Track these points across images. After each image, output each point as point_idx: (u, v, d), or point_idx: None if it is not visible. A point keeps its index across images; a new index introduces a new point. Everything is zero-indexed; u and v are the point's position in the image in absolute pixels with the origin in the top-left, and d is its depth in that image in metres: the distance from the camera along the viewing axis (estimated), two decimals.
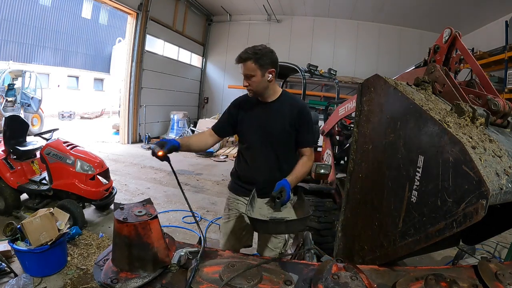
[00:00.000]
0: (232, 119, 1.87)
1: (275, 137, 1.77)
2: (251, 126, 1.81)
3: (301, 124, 1.77)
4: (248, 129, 1.83)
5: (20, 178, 3.60)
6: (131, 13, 8.46)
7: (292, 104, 1.78)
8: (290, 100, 1.81)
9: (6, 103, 9.32)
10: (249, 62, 1.64)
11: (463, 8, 7.96)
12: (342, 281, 0.84)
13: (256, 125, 1.80)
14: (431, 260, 3.11)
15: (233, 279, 0.91)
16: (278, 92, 1.81)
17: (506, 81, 6.46)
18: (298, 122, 1.76)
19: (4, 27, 13.36)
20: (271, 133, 1.77)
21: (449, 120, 0.97)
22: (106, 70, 19.52)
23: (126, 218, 0.95)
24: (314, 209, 2.74)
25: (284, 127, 1.76)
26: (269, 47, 1.72)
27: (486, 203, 0.78)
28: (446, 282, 0.86)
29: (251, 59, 1.64)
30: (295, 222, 1.15)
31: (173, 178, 6.42)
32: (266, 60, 1.66)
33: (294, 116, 1.76)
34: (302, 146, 1.81)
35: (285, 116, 1.76)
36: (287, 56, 10.58)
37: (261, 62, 1.65)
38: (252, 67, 1.64)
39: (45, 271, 2.52)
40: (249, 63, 1.64)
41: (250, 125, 1.82)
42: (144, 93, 9.17)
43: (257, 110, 1.80)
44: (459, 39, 1.44)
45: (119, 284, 0.92)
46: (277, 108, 1.77)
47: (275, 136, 1.77)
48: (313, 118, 4.29)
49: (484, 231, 1.35)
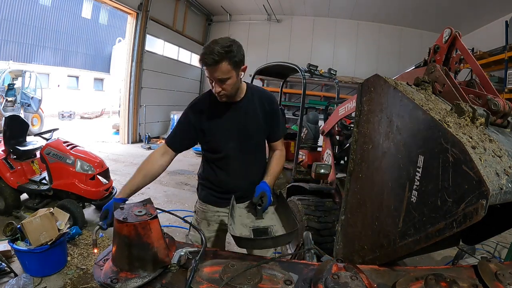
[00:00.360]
0: (193, 130, 1.58)
1: (254, 139, 1.63)
2: (225, 133, 1.57)
3: (273, 117, 1.64)
4: (222, 138, 1.58)
5: (20, 178, 3.60)
6: (131, 13, 8.46)
7: (261, 98, 1.62)
8: (258, 93, 1.64)
9: (6, 103, 9.33)
10: (223, 63, 1.37)
11: (463, 8, 7.96)
12: (342, 281, 0.84)
13: (231, 132, 1.57)
14: (431, 260, 3.12)
15: (233, 279, 0.90)
16: (244, 87, 1.60)
17: (506, 81, 6.46)
18: (270, 115, 1.63)
19: (4, 27, 13.36)
20: (249, 136, 1.61)
21: (449, 120, 0.97)
22: (106, 70, 19.52)
23: (126, 218, 0.95)
24: (314, 209, 2.74)
25: (259, 125, 1.61)
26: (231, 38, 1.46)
27: (486, 203, 0.78)
28: (446, 282, 0.86)
29: (225, 60, 1.36)
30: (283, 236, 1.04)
31: (173, 178, 6.40)
32: (240, 57, 1.42)
33: (266, 110, 1.61)
34: (275, 140, 1.69)
35: (258, 113, 1.60)
36: (287, 56, 10.60)
37: (235, 60, 1.40)
38: (227, 68, 1.38)
39: (45, 271, 2.53)
40: (224, 64, 1.37)
41: (222, 132, 1.57)
42: (144, 93, 9.17)
43: (227, 114, 1.56)
44: (459, 39, 1.44)
45: (119, 284, 0.92)
46: (249, 106, 1.58)
47: (254, 138, 1.63)
48: (313, 118, 4.33)
49: (484, 231, 1.35)
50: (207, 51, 1.36)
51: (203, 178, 1.74)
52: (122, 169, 6.19)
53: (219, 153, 1.61)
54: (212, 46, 1.37)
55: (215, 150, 1.62)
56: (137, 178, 1.50)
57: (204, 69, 1.42)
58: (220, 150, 1.60)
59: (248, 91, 1.60)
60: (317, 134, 4.23)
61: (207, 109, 1.57)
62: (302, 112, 4.05)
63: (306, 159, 4.08)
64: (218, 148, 1.60)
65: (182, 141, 1.61)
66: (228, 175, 1.64)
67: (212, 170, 1.66)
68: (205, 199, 1.73)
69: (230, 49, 1.37)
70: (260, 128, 1.62)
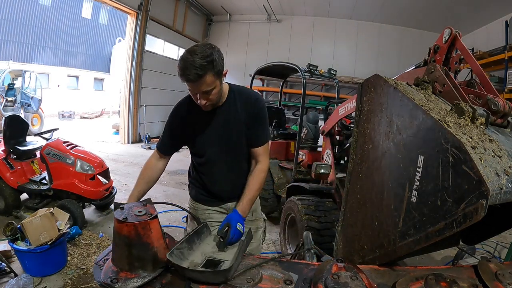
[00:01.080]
0: (177, 135, 1.59)
1: (235, 144, 1.55)
2: (207, 138, 1.53)
3: (256, 119, 1.53)
4: (204, 143, 1.54)
5: (20, 178, 3.60)
6: (131, 13, 8.46)
7: (244, 100, 1.53)
8: (241, 95, 1.54)
9: (6, 103, 9.33)
10: (207, 76, 1.27)
11: (463, 8, 7.95)
12: (342, 281, 0.84)
13: (212, 137, 1.52)
14: (431, 260, 3.11)
15: (233, 279, 0.90)
16: (226, 90, 1.52)
17: (506, 81, 6.46)
18: (253, 118, 1.52)
19: (4, 27, 13.36)
20: (230, 141, 1.54)
21: (449, 120, 0.97)
22: (106, 70, 19.53)
23: (126, 218, 0.95)
24: (314, 209, 2.74)
25: (240, 129, 1.53)
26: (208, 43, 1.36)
27: (486, 203, 0.78)
28: (446, 282, 0.86)
29: (208, 72, 1.26)
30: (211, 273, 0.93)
31: (173, 178, 6.40)
32: (221, 63, 1.32)
33: (249, 112, 1.52)
34: (256, 145, 1.55)
35: (239, 117, 1.51)
36: (287, 56, 10.59)
37: (218, 69, 1.31)
38: (211, 80, 1.29)
39: (45, 271, 2.53)
40: (208, 76, 1.27)
41: (204, 138, 1.53)
42: (144, 93, 9.17)
43: (207, 120, 1.51)
44: (459, 39, 1.44)
45: (119, 283, 0.92)
46: (230, 110, 1.51)
47: (235, 143, 1.55)
48: (313, 118, 4.33)
49: (484, 231, 1.35)
50: (187, 64, 1.24)
51: (193, 178, 1.73)
52: (122, 169, 6.19)
53: (202, 158, 1.59)
54: (192, 58, 1.24)
55: (198, 155, 1.61)
56: (141, 185, 1.61)
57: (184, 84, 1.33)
58: (202, 154, 1.58)
59: (231, 94, 1.52)
60: (317, 134, 4.22)
61: (187, 115, 1.53)
62: (302, 112, 4.05)
63: (306, 159, 4.08)
64: (200, 152, 1.58)
65: (171, 146, 1.63)
66: (211, 179, 1.61)
67: (198, 173, 1.65)
68: (195, 198, 1.72)
69: (212, 59, 1.26)
70: (241, 132, 1.53)
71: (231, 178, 1.62)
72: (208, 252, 1.09)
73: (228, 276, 0.90)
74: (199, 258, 1.04)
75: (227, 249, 1.13)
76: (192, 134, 1.55)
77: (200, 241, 1.15)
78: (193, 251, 1.07)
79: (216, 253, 1.10)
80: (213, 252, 1.10)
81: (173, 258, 0.94)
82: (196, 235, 1.14)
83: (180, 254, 0.99)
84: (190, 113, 1.52)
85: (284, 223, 3.17)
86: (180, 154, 1.72)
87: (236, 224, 1.31)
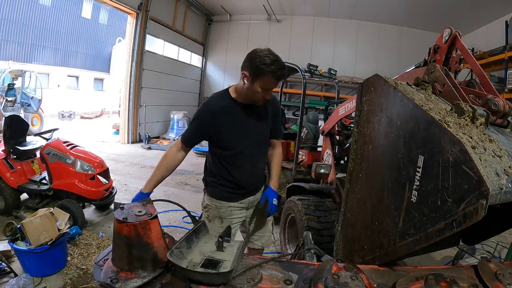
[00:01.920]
0: (208, 130, 1.69)
1: (264, 137, 1.81)
2: (242, 133, 1.70)
3: (277, 117, 1.83)
4: (238, 137, 1.70)
5: (20, 178, 3.60)
6: (131, 13, 8.46)
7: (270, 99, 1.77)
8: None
9: (6, 103, 9.33)
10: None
11: (463, 8, 7.96)
12: (342, 280, 0.84)
13: (246, 131, 1.71)
14: (431, 260, 3.11)
15: (233, 279, 0.90)
16: None
17: (506, 81, 6.46)
18: (274, 115, 1.82)
19: (4, 27, 13.35)
20: (260, 135, 1.77)
21: (449, 120, 0.97)
22: (106, 70, 19.52)
23: (126, 218, 0.95)
24: (314, 209, 2.74)
25: (268, 125, 1.80)
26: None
27: (486, 203, 0.78)
28: (446, 282, 0.86)
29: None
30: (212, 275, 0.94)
31: (172, 178, 6.40)
32: None
33: (272, 110, 1.80)
34: (276, 137, 1.89)
35: (267, 114, 1.78)
36: (287, 56, 10.57)
37: None
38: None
39: (45, 271, 2.52)
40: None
41: (240, 132, 1.70)
42: (144, 93, 9.17)
43: (244, 115, 1.70)
44: (459, 39, 1.44)
45: (118, 284, 0.92)
46: (260, 108, 1.73)
47: (264, 136, 1.81)
48: (313, 118, 4.33)
49: (484, 231, 1.35)
50: (280, 65, 1.51)
51: (214, 175, 1.81)
52: (122, 169, 6.19)
53: (231, 150, 1.71)
54: (278, 60, 1.51)
55: (228, 148, 1.71)
56: (160, 171, 1.69)
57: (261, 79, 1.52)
58: (233, 147, 1.70)
59: None
60: (317, 134, 4.22)
61: (222, 110, 1.65)
62: (302, 112, 4.05)
63: (306, 159, 4.08)
64: (232, 146, 1.70)
65: (196, 139, 1.76)
66: (243, 171, 1.76)
67: (224, 166, 1.75)
68: (219, 196, 1.80)
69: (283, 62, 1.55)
70: (268, 127, 1.79)
71: (258, 170, 1.83)
72: (207, 251, 1.09)
73: (229, 278, 0.90)
74: (197, 257, 1.04)
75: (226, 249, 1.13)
76: (227, 129, 1.67)
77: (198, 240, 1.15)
78: (191, 250, 1.06)
79: (214, 252, 1.10)
80: (211, 251, 1.10)
81: (173, 258, 0.94)
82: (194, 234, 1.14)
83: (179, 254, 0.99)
84: (223, 108, 1.66)
85: (284, 223, 3.17)
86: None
87: (272, 200, 1.66)
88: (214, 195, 1.82)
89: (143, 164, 6.71)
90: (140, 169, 6.39)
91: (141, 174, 5.94)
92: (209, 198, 1.84)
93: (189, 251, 1.05)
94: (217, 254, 1.08)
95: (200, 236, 1.16)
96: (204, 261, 1.02)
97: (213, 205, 1.82)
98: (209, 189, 1.84)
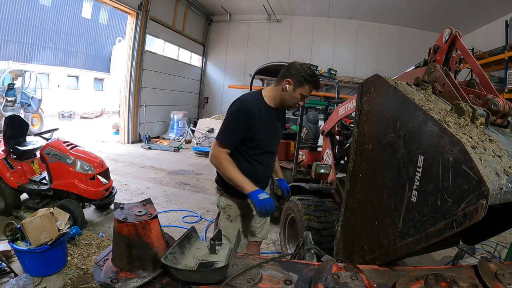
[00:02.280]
0: (246, 130, 1.77)
1: (279, 138, 2.06)
2: (269, 133, 1.89)
3: (285, 121, 2.11)
4: (267, 136, 1.87)
5: (20, 178, 3.60)
6: (131, 13, 8.46)
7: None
8: None
9: (6, 103, 9.33)
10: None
11: (463, 8, 7.96)
12: (342, 280, 0.84)
13: (272, 133, 1.92)
14: (431, 260, 3.11)
15: (233, 279, 0.90)
16: None
17: (506, 81, 6.47)
18: (284, 120, 2.08)
19: (4, 27, 13.35)
20: (280, 136, 2.04)
21: (449, 120, 0.97)
22: (106, 70, 19.52)
23: (126, 218, 0.95)
24: (314, 209, 2.74)
25: (282, 128, 2.04)
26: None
27: (486, 203, 0.78)
28: (446, 282, 0.86)
29: None
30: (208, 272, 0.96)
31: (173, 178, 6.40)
32: None
33: (283, 115, 2.04)
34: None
35: (282, 118, 2.02)
36: (287, 56, 10.60)
37: None
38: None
39: (45, 271, 2.52)
40: None
41: (268, 133, 1.88)
42: (144, 93, 9.17)
43: (272, 118, 1.90)
44: (459, 39, 1.44)
45: (119, 284, 0.92)
46: (279, 112, 1.96)
47: (279, 137, 2.05)
48: (313, 118, 4.32)
49: (484, 231, 1.35)
50: (317, 78, 1.79)
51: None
52: (122, 169, 6.19)
53: (261, 149, 1.88)
54: (313, 71, 1.79)
55: (259, 147, 1.87)
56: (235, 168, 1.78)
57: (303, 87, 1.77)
58: (263, 147, 1.88)
59: None
60: (317, 134, 4.22)
61: (258, 111, 1.79)
62: (302, 112, 4.05)
63: (306, 159, 4.08)
64: (263, 145, 1.88)
65: (236, 140, 1.82)
66: (265, 168, 1.97)
67: (251, 164, 1.87)
68: (234, 194, 1.89)
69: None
70: (281, 129, 2.03)
71: (271, 166, 2.04)
72: (200, 255, 1.09)
73: (226, 273, 0.90)
74: (191, 261, 1.04)
75: (218, 252, 1.14)
76: (261, 130, 1.81)
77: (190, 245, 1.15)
78: (184, 256, 1.07)
79: (207, 256, 1.10)
80: (204, 255, 1.10)
81: (168, 262, 0.94)
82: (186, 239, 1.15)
83: (173, 259, 0.99)
84: (260, 111, 1.80)
85: (284, 223, 3.17)
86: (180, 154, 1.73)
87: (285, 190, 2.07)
88: (229, 193, 1.92)
89: (143, 164, 6.71)
90: (140, 169, 6.39)
91: (141, 174, 5.94)
92: (230, 197, 1.93)
93: (183, 257, 1.05)
94: (210, 257, 1.09)
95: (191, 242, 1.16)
96: (198, 264, 1.02)
97: (235, 204, 1.93)
98: (230, 189, 1.87)
